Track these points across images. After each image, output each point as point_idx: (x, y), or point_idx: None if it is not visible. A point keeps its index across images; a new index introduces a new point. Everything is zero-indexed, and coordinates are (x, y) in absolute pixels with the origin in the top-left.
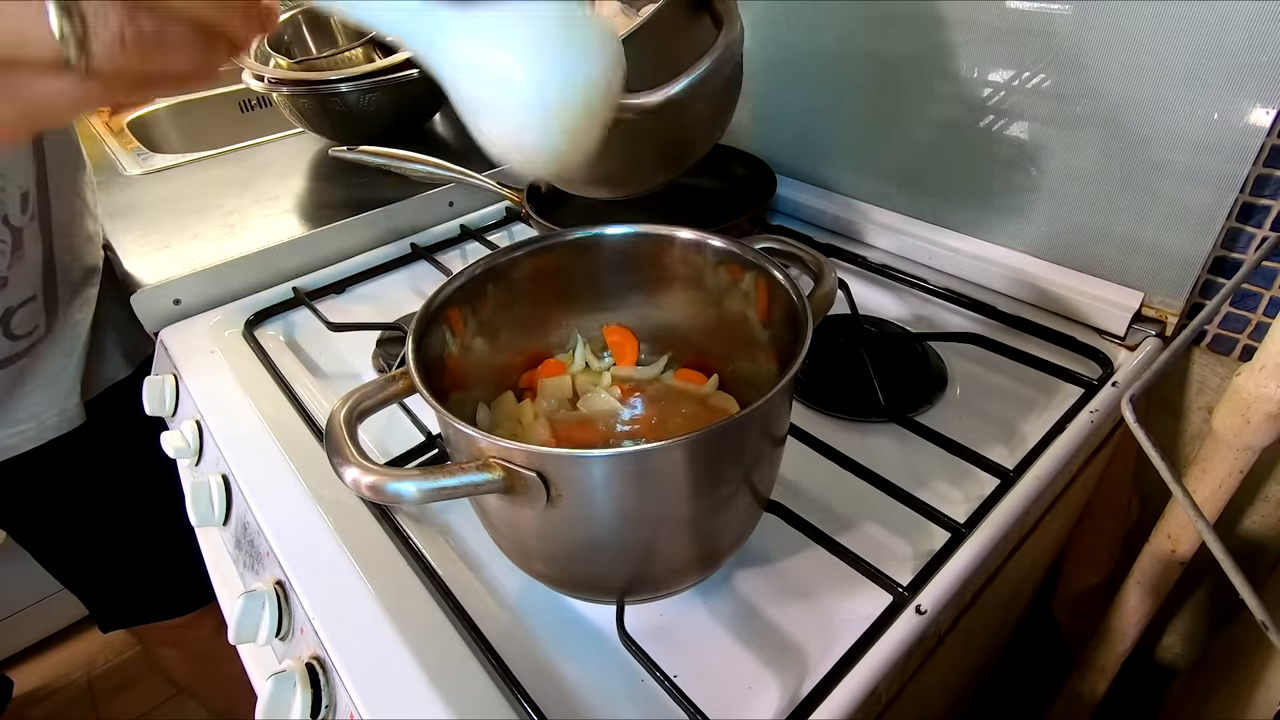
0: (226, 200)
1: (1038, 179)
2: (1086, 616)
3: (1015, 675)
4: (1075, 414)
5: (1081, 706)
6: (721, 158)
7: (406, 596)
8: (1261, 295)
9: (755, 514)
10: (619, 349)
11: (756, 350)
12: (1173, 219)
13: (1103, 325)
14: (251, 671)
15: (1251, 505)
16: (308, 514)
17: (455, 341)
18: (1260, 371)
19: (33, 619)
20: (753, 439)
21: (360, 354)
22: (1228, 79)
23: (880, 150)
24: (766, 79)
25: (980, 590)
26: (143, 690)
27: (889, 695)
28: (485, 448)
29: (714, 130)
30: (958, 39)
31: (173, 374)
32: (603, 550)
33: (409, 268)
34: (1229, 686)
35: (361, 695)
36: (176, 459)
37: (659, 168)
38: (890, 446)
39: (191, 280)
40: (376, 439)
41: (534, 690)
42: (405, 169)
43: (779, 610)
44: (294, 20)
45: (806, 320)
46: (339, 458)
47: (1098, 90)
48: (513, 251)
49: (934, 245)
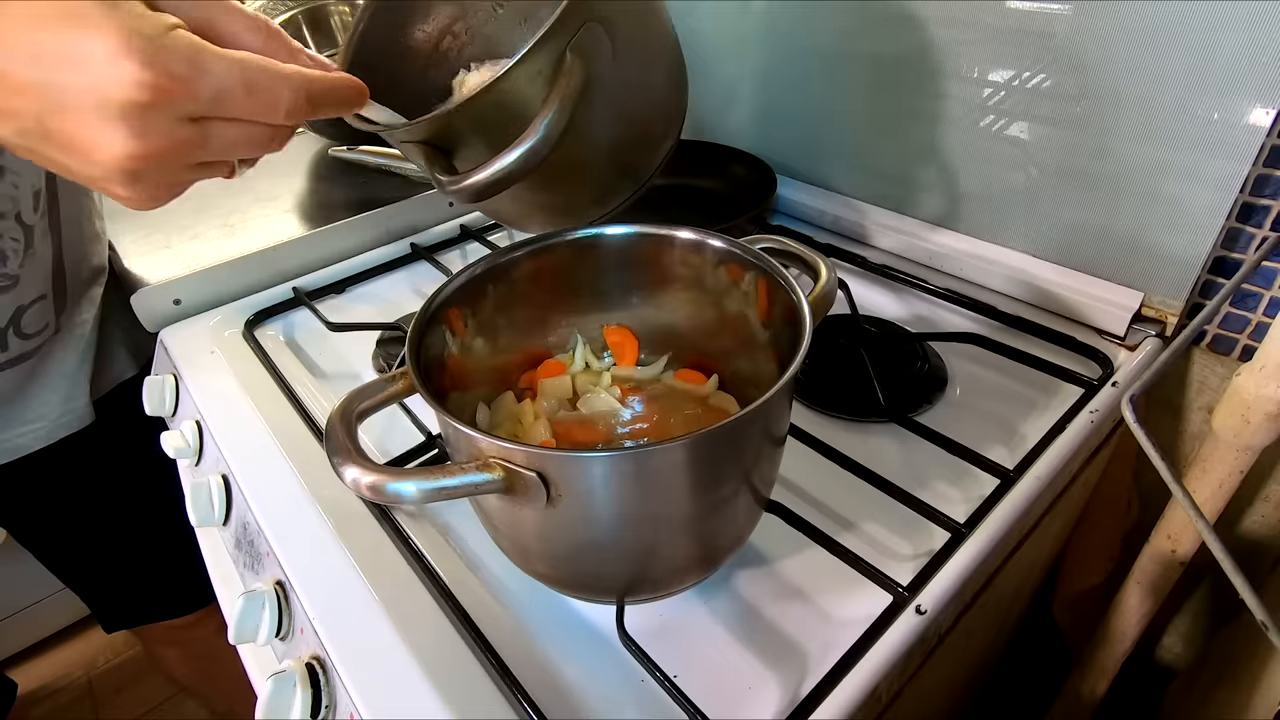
0: (226, 200)
1: (1038, 179)
2: (1086, 616)
3: (1015, 675)
4: (1075, 414)
5: (1081, 706)
6: (721, 158)
7: (406, 596)
8: (1261, 295)
9: (755, 514)
10: (619, 349)
11: (756, 350)
12: (1173, 219)
13: (1103, 325)
14: (251, 671)
15: (1251, 505)
16: (308, 514)
17: (455, 341)
18: (1260, 371)
19: (33, 619)
20: (753, 439)
21: (360, 354)
22: (1227, 79)
23: (880, 150)
24: (766, 79)
25: (980, 590)
26: (143, 690)
27: (889, 695)
28: (485, 448)
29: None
30: (958, 39)
31: (173, 374)
32: (603, 550)
33: (409, 268)
34: (1229, 686)
35: (361, 695)
36: (176, 459)
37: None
38: (890, 446)
39: (191, 280)
40: (376, 439)
41: (534, 690)
42: (405, 169)
43: (779, 610)
44: (294, 20)
45: (806, 320)
46: (339, 458)
47: (1098, 90)
48: (513, 251)
49: (934, 245)
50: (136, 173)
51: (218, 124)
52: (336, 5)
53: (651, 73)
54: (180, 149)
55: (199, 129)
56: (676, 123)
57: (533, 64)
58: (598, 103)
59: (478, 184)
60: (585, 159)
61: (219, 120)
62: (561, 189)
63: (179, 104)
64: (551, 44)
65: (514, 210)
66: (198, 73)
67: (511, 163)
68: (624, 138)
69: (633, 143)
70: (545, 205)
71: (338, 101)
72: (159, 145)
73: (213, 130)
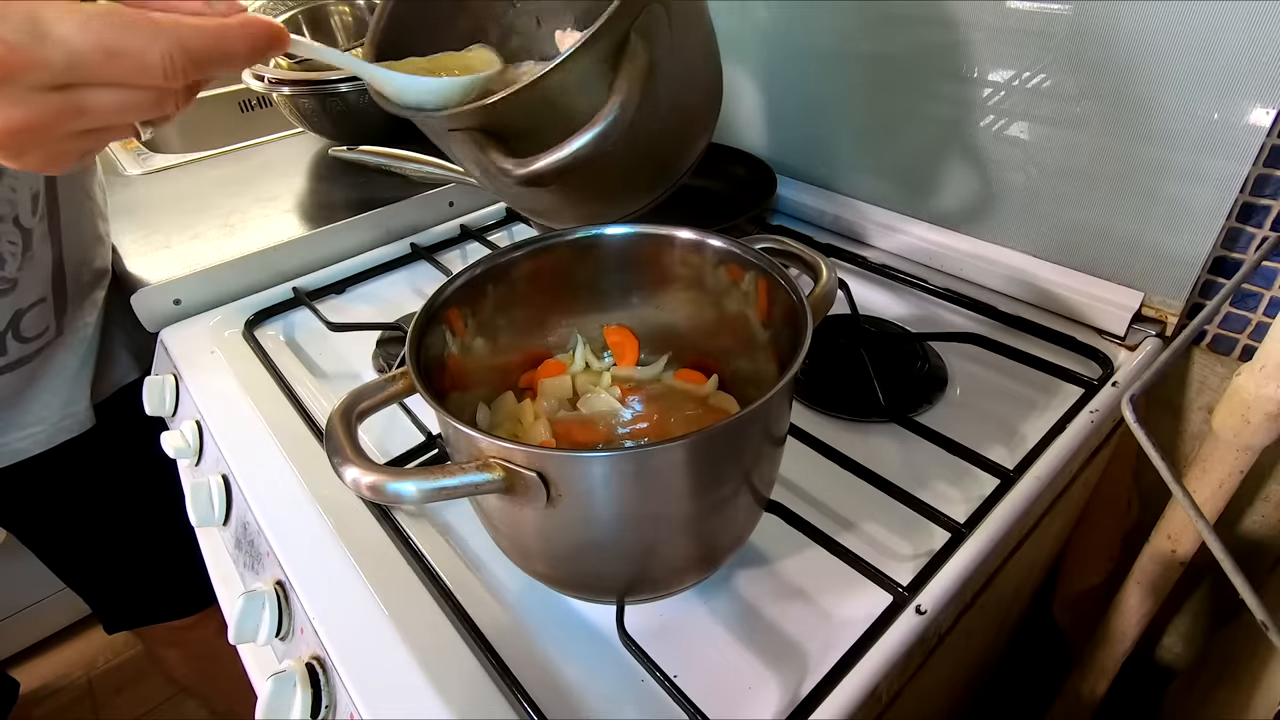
0: (226, 200)
1: (1038, 179)
2: (1086, 616)
3: (1015, 675)
4: (1075, 414)
5: (1081, 706)
6: (721, 158)
7: (406, 596)
8: (1261, 295)
9: (755, 514)
10: (619, 349)
11: (756, 350)
12: (1173, 219)
13: (1103, 325)
14: (251, 671)
15: (1251, 505)
16: (308, 514)
17: (455, 341)
18: (1260, 371)
19: (33, 619)
20: (753, 439)
21: (360, 354)
22: (1227, 79)
23: (880, 150)
24: (767, 79)
25: (980, 590)
26: (143, 690)
27: (889, 695)
28: (485, 448)
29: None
30: (958, 39)
31: (173, 374)
32: (603, 550)
33: (409, 268)
34: (1229, 686)
35: (361, 695)
36: (176, 459)
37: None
38: (890, 446)
39: (191, 280)
40: (376, 439)
41: (534, 690)
42: (405, 169)
43: (779, 610)
44: (294, 20)
45: (806, 320)
46: (339, 458)
47: (1098, 90)
48: (513, 251)
49: (934, 245)
50: (10, 146)
51: (88, 90)
52: (336, 5)
53: (699, 64)
54: (51, 120)
55: (67, 97)
56: (713, 119)
57: (599, 46)
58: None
59: (548, 166)
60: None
61: (87, 87)
62: (602, 182)
63: (26, 74)
64: (618, 24)
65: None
66: (37, 40)
67: (584, 145)
68: (669, 130)
69: (676, 136)
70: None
71: (232, 53)
72: (22, 117)
73: (85, 98)
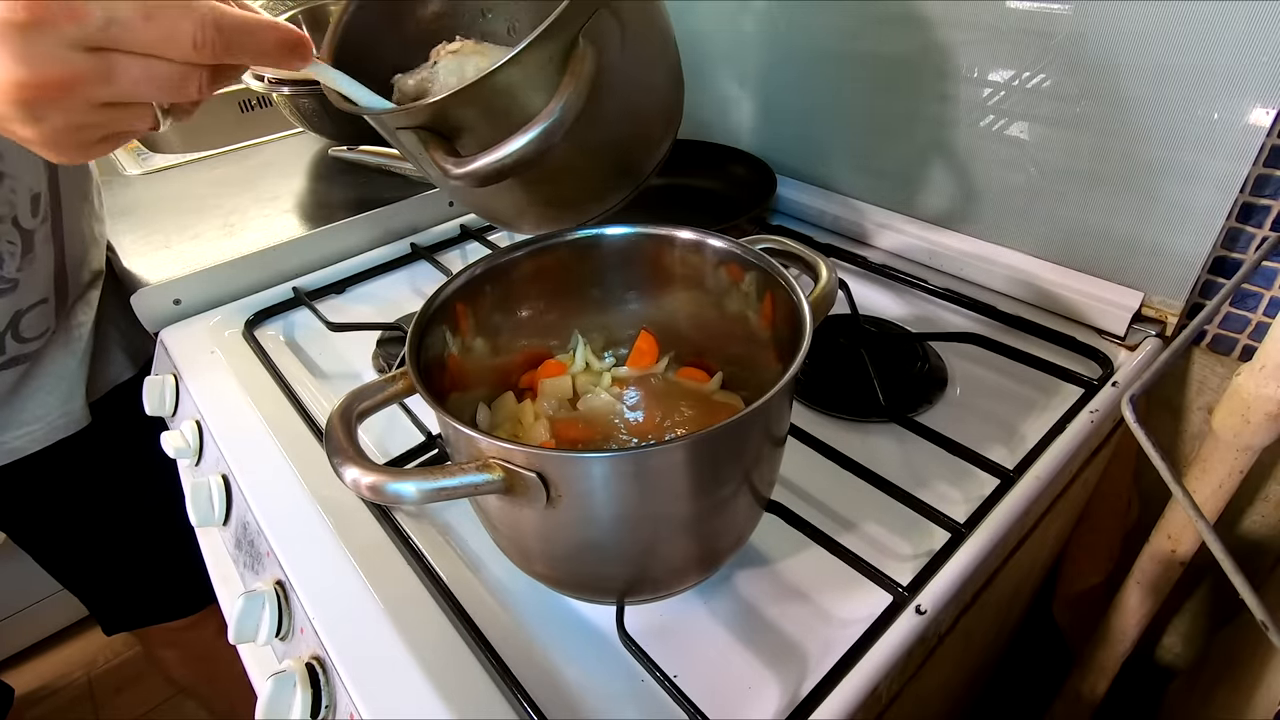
0: (226, 200)
1: (1038, 179)
2: (1086, 616)
3: (1015, 675)
4: (1075, 414)
5: (1081, 706)
6: (721, 158)
7: (406, 596)
8: (1261, 295)
9: (755, 514)
10: (638, 354)
11: (757, 350)
12: (1173, 219)
13: (1103, 325)
14: (251, 672)
15: (1251, 505)
16: (308, 514)
17: (455, 341)
18: (1260, 371)
19: (33, 619)
20: (753, 439)
21: (360, 354)
22: (1228, 79)
23: (880, 150)
24: (767, 79)
25: (980, 590)
26: (143, 690)
27: (889, 695)
28: (485, 448)
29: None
30: (958, 39)
31: (173, 374)
32: (603, 551)
33: (409, 268)
34: (1229, 686)
35: (361, 695)
36: (176, 459)
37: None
38: (890, 446)
39: (191, 280)
40: (376, 439)
41: (534, 690)
42: (405, 169)
43: (779, 610)
44: (294, 19)
45: (806, 320)
46: (339, 458)
47: (1098, 90)
48: (513, 251)
49: (934, 245)
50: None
51: (118, 56)
52: (336, 5)
53: (654, 69)
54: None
55: (97, 60)
56: (675, 122)
57: (545, 48)
58: (604, 95)
59: (486, 167)
60: (588, 153)
61: (119, 53)
62: (560, 185)
63: (65, 27)
64: (565, 28)
65: (509, 207)
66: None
67: (524, 145)
68: (626, 134)
69: (633, 140)
70: (541, 202)
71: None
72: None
73: (115, 63)
